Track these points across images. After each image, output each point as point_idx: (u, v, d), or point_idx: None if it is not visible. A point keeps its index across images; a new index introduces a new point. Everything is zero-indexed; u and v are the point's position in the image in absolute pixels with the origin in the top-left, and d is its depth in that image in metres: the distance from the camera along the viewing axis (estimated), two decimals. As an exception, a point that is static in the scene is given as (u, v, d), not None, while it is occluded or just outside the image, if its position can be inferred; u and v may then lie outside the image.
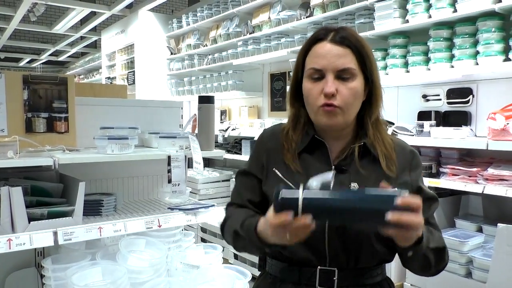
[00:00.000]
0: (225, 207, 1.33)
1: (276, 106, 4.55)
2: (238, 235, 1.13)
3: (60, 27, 8.02)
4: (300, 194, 0.89)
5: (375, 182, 1.11)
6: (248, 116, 4.79)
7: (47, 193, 1.76)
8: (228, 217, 1.25)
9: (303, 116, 1.20)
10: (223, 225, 1.26)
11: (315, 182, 0.94)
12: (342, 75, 1.09)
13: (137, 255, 1.81)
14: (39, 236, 1.48)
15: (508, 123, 2.30)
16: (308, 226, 0.89)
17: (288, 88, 1.23)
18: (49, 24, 9.10)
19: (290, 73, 1.27)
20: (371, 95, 1.15)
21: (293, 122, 1.21)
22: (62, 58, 11.81)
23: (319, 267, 1.09)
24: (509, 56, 2.44)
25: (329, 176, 0.96)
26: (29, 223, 1.49)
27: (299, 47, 1.18)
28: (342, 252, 1.08)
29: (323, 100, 1.08)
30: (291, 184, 1.14)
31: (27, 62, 12.97)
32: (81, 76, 10.63)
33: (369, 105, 1.15)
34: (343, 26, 1.16)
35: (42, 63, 12.92)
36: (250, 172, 1.26)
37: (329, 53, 1.09)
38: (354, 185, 1.12)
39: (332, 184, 0.96)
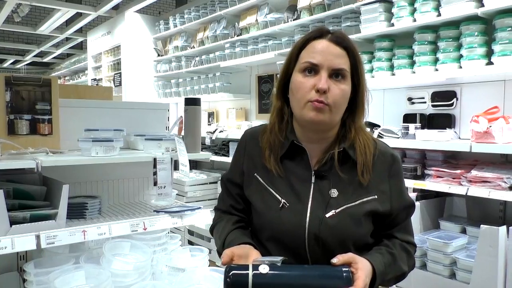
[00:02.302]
0: (213, 209, 1.35)
1: (263, 108, 4.55)
2: (221, 254, 1.18)
3: (45, 28, 7.92)
4: (250, 276, 0.93)
5: (355, 188, 1.13)
6: (236, 118, 4.79)
7: (29, 196, 1.73)
8: (216, 223, 1.29)
9: (287, 113, 1.20)
10: (212, 229, 1.31)
11: (264, 262, 0.97)
12: (335, 74, 1.10)
13: (121, 259, 1.79)
14: (21, 240, 1.45)
15: (490, 126, 2.33)
16: None
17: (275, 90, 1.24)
18: (33, 25, 8.99)
19: (278, 75, 1.27)
20: (357, 101, 1.15)
21: (278, 117, 1.21)
22: (47, 59, 11.66)
23: None
24: (492, 60, 2.48)
25: (277, 258, 1.00)
26: (10, 226, 1.46)
27: (287, 50, 1.19)
28: (323, 259, 1.09)
29: (314, 96, 1.08)
30: (274, 193, 1.15)
31: (11, 63, 12.77)
32: (66, 78, 10.51)
33: (353, 111, 1.16)
34: (339, 30, 1.18)
35: (27, 64, 12.73)
36: (232, 179, 1.28)
37: (327, 50, 1.10)
38: (334, 191, 1.12)
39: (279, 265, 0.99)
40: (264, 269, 0.95)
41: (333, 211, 1.10)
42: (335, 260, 1.00)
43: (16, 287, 1.84)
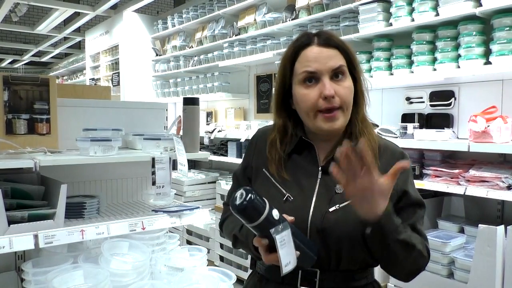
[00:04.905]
0: (211, 209, 1.36)
1: (262, 108, 4.55)
2: (237, 239, 1.18)
3: (43, 28, 7.90)
4: (266, 207, 0.97)
5: None
6: (234, 118, 4.79)
7: (28, 195, 1.73)
8: (227, 217, 1.30)
9: (291, 126, 1.20)
10: (221, 223, 1.32)
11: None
12: (336, 75, 1.10)
13: (120, 258, 1.79)
14: (19, 240, 1.45)
15: (488, 126, 2.34)
16: (262, 247, 1.01)
17: (274, 90, 1.24)
18: (31, 24, 8.97)
19: (276, 75, 1.27)
20: (357, 92, 1.16)
21: (279, 134, 1.21)
22: (45, 59, 11.63)
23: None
24: (490, 60, 2.48)
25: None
26: (9, 226, 1.46)
27: (285, 49, 1.19)
28: (324, 254, 1.09)
29: (324, 104, 1.08)
30: (279, 186, 1.17)
31: (9, 63, 12.74)
32: (64, 77, 10.49)
33: (356, 102, 1.16)
34: (322, 30, 1.17)
35: (25, 64, 12.70)
36: (242, 174, 1.30)
37: (320, 55, 1.10)
38: (339, 187, 1.12)
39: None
40: (276, 215, 0.99)
41: (336, 205, 1.10)
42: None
43: (14, 287, 1.83)
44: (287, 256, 0.97)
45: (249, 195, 0.96)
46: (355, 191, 0.95)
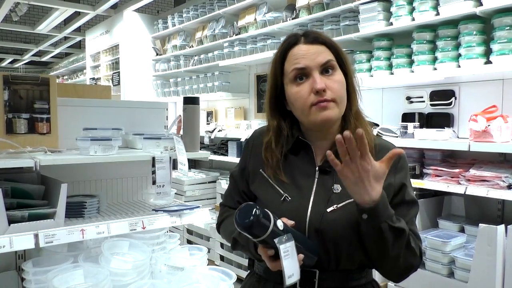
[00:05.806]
0: (211, 208, 1.37)
1: (262, 108, 4.55)
2: (236, 242, 1.18)
3: (43, 27, 7.90)
4: (271, 221, 0.98)
5: None
6: (235, 118, 4.79)
7: (28, 195, 1.73)
8: (225, 218, 1.30)
9: (286, 128, 1.20)
10: (219, 225, 1.33)
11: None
12: (325, 69, 1.11)
13: (120, 258, 1.79)
14: (19, 239, 1.45)
15: (489, 125, 2.34)
16: (267, 256, 1.02)
17: (266, 92, 1.24)
18: (32, 24, 8.97)
19: (267, 78, 1.27)
20: (349, 88, 1.16)
21: (275, 134, 1.20)
22: (45, 58, 11.63)
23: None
24: (490, 59, 2.48)
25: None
26: (9, 225, 1.46)
27: (275, 52, 1.19)
28: (322, 254, 1.09)
29: (316, 98, 1.08)
30: (277, 187, 1.17)
31: (10, 63, 12.74)
32: (65, 77, 10.49)
33: (348, 98, 1.16)
34: (309, 29, 1.18)
35: (25, 64, 12.71)
36: (239, 175, 1.30)
37: (307, 52, 1.11)
38: (337, 187, 1.12)
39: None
40: (281, 226, 1.00)
41: (334, 205, 1.10)
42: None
43: (15, 286, 1.83)
44: (291, 268, 0.98)
45: (254, 210, 0.96)
46: (352, 173, 0.97)
